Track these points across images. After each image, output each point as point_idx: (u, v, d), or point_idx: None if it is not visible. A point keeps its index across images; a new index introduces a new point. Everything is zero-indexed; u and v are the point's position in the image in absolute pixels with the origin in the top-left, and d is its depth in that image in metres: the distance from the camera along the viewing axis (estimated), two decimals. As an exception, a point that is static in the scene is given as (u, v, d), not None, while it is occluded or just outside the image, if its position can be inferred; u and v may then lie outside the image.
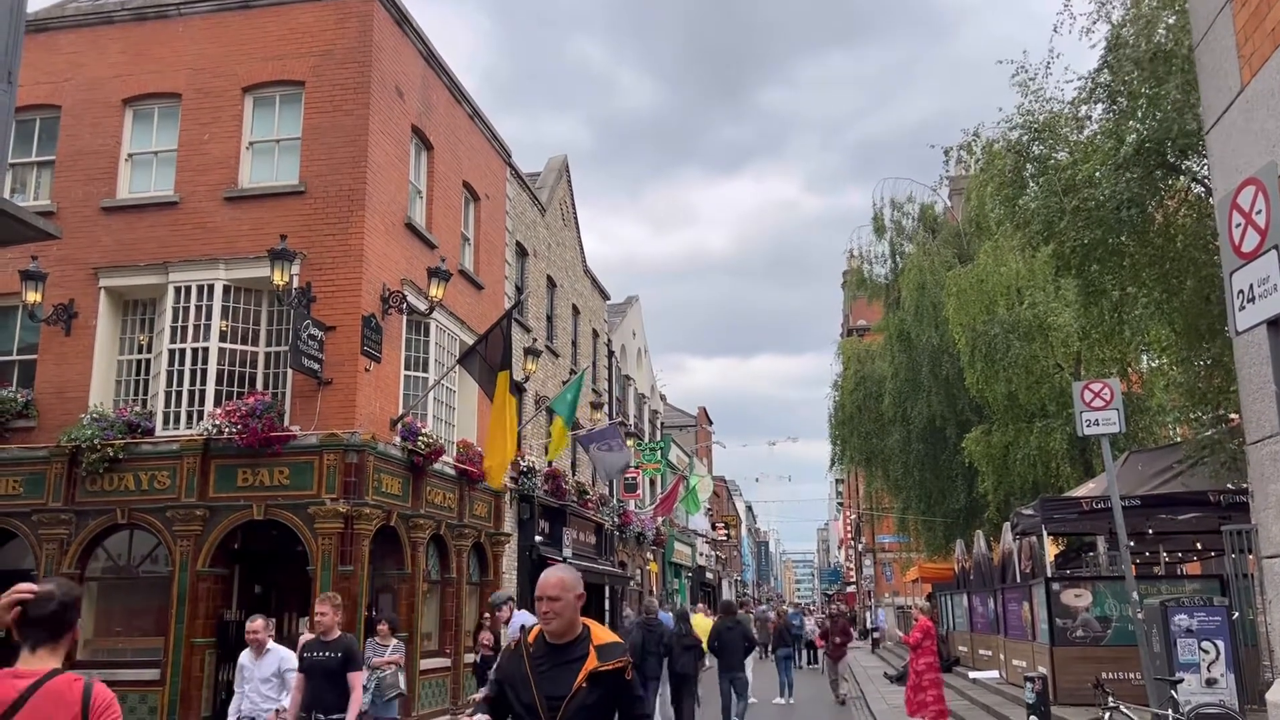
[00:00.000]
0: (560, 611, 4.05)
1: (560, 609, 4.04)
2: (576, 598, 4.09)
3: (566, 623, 4.05)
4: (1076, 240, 12.66)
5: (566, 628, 4.06)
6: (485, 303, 19.63)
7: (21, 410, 14.85)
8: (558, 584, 4.08)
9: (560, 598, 4.05)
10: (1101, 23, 12.67)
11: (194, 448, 13.96)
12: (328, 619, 7.78)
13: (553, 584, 4.08)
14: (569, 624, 4.06)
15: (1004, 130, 15.03)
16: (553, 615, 4.05)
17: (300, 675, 7.88)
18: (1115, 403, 10.83)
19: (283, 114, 15.60)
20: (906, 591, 44.76)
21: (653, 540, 35.70)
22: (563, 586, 4.07)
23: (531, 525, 21.57)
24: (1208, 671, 10.42)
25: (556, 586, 4.07)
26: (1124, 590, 12.08)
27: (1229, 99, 5.76)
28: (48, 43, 16.07)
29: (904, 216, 29.65)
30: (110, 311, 15.29)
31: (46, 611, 3.18)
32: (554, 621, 4.05)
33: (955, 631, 25.05)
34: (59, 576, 3.91)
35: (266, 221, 14.73)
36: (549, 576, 4.11)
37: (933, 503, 27.70)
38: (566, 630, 4.06)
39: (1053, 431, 19.94)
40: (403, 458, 15.22)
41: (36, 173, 16.19)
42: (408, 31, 16.69)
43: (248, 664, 8.50)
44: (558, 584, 4.08)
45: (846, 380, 30.86)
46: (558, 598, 4.05)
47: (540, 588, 4.09)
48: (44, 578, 3.79)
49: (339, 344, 14.28)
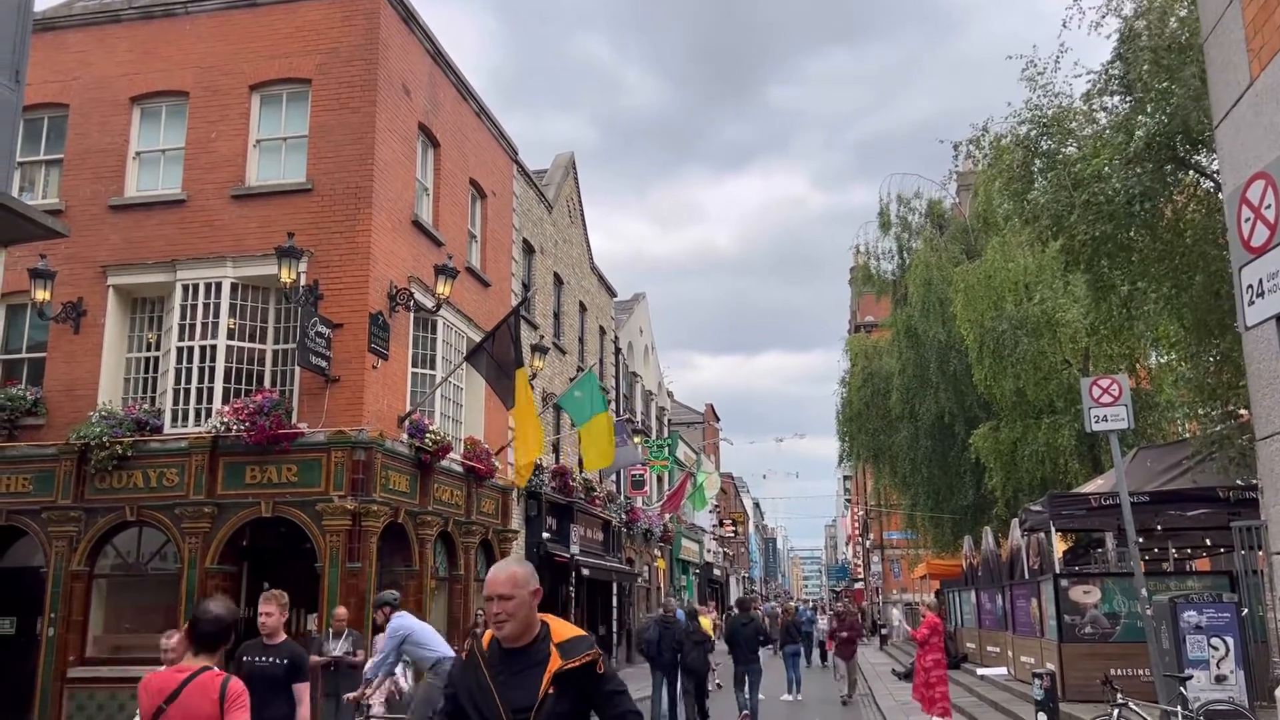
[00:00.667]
0: (514, 612, 3.44)
1: (513, 609, 3.44)
2: (532, 594, 3.49)
3: (522, 624, 3.46)
4: (1086, 235, 12.60)
5: (522, 630, 3.47)
6: (492, 300, 19.64)
7: (31, 408, 14.91)
8: (509, 580, 3.46)
9: (513, 595, 3.45)
10: (1112, 16, 12.64)
11: (202, 445, 14.00)
12: (273, 620, 6.82)
13: (502, 580, 3.46)
14: (525, 625, 3.47)
15: (1012, 125, 14.96)
16: (505, 617, 3.44)
17: None
18: (1124, 399, 10.80)
19: (290, 112, 15.63)
20: (915, 588, 44.68)
21: (660, 537, 35.71)
22: (515, 582, 3.46)
23: (539, 522, 21.59)
24: (1217, 668, 10.39)
25: (507, 583, 3.45)
26: (1133, 586, 12.03)
27: (1238, 93, 5.73)
28: (55, 41, 16.12)
29: (911, 212, 29.56)
30: (118, 309, 15.34)
31: (210, 628, 4.26)
32: (507, 624, 3.45)
33: (964, 628, 25.01)
34: (225, 599, 4.69)
35: (274, 219, 14.75)
36: (498, 572, 3.51)
37: (941, 499, 27.64)
38: (523, 632, 3.47)
39: (1061, 428, 19.88)
40: (410, 455, 15.24)
41: (45, 171, 16.25)
42: (414, 29, 16.70)
43: None
44: (509, 580, 3.46)
45: (854, 377, 30.78)
46: (510, 595, 3.44)
47: (489, 585, 3.49)
48: (212, 599, 4.51)
49: (346, 341, 14.30)
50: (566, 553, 20.90)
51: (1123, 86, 12.79)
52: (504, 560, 3.67)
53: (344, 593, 13.42)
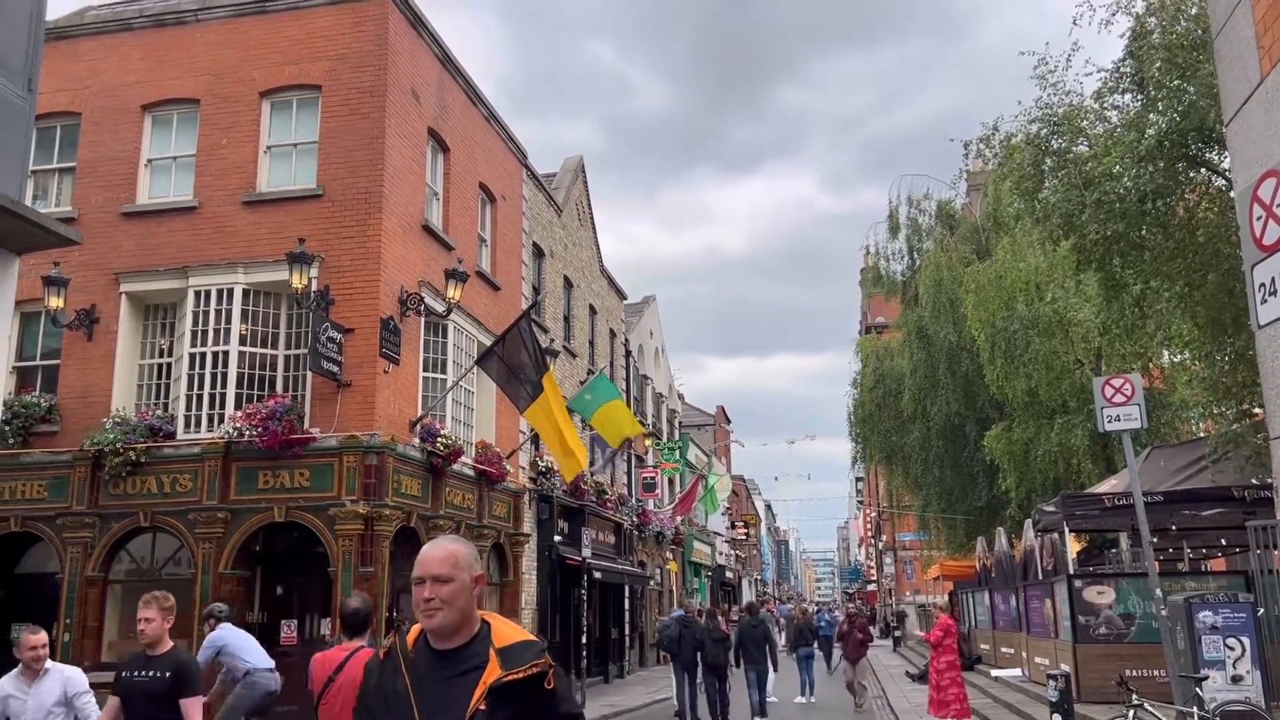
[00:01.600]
0: (449, 599, 2.76)
1: (449, 595, 2.76)
2: (474, 580, 2.84)
3: (458, 616, 2.78)
4: (1097, 234, 12.56)
5: (458, 624, 2.79)
6: (503, 303, 19.67)
7: (45, 415, 14.99)
8: (447, 559, 2.80)
9: (451, 578, 2.78)
10: (1122, 14, 12.62)
11: (215, 451, 14.06)
12: (153, 627, 5.82)
13: (438, 559, 2.81)
14: (461, 618, 2.79)
15: (1023, 124, 14.90)
16: (438, 604, 2.76)
17: (115, 701, 5.86)
18: (1136, 398, 10.76)
19: (300, 118, 15.69)
20: (928, 590, 44.55)
21: (672, 539, 35.68)
22: (454, 562, 2.80)
23: (551, 525, 21.61)
24: (1233, 668, 10.33)
25: (445, 562, 2.79)
26: (1147, 587, 11.98)
27: (1248, 91, 5.70)
28: (68, 50, 16.22)
29: (921, 213, 29.50)
30: (131, 316, 15.42)
31: (353, 619, 5.48)
32: (439, 614, 2.76)
33: (977, 629, 24.92)
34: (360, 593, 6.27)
35: (285, 225, 14.81)
36: (433, 549, 2.86)
37: (953, 500, 27.56)
38: (458, 628, 2.79)
39: (1074, 428, 19.80)
40: (422, 459, 15.27)
41: (58, 179, 16.35)
42: (423, 34, 16.75)
43: (15, 692, 6.44)
44: (447, 559, 2.80)
45: (865, 378, 30.73)
46: (446, 578, 2.78)
47: (421, 564, 2.83)
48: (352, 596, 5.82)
49: (358, 346, 14.35)
50: (578, 556, 20.89)
51: (1134, 84, 12.75)
52: (441, 537, 3.00)
53: (357, 597, 13.42)
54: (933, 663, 14.93)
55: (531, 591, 20.67)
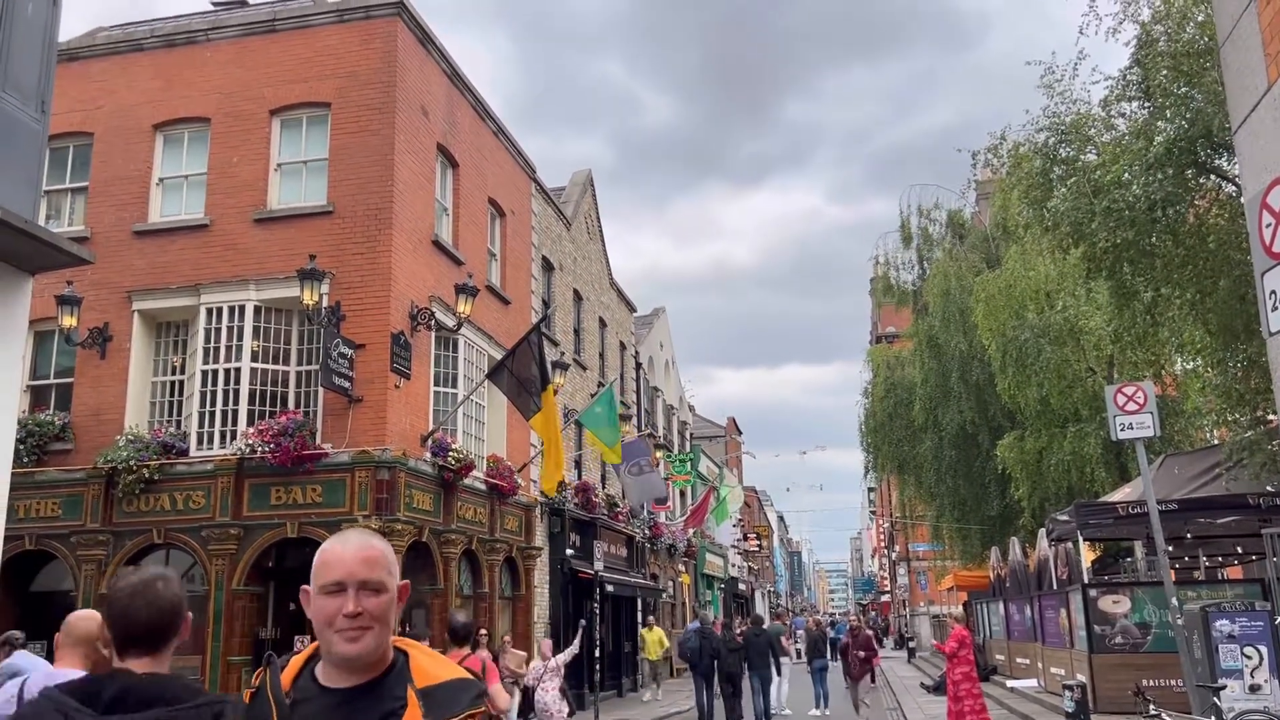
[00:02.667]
0: (382, 615, 2.07)
1: (382, 610, 2.07)
2: (402, 589, 2.17)
3: (387, 640, 2.11)
4: (1107, 242, 12.54)
5: (378, 652, 2.09)
6: (513, 317, 19.71)
7: (59, 433, 15.06)
8: (376, 559, 2.09)
9: (384, 586, 2.09)
10: (1128, 22, 12.61)
11: (228, 467, 14.10)
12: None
13: (363, 557, 2.08)
14: (382, 645, 2.10)
15: (1030, 133, 14.92)
16: (368, 621, 2.05)
17: None
18: (1149, 406, 10.72)
19: (310, 135, 15.79)
20: (942, 600, 44.31)
21: (684, 552, 35.59)
22: (386, 565, 2.11)
23: (563, 538, 21.59)
24: (1251, 677, 10.26)
25: (375, 563, 2.09)
26: (1163, 596, 11.90)
27: (1256, 98, 5.69)
28: (80, 71, 16.36)
29: (931, 223, 29.55)
30: (144, 334, 15.50)
31: (459, 631, 7.59)
32: (367, 636, 2.05)
33: (992, 640, 24.79)
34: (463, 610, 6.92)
35: (296, 242, 14.88)
36: (351, 547, 2.10)
37: (966, 510, 27.45)
38: (376, 659, 2.09)
39: (1087, 436, 19.74)
40: (434, 473, 15.29)
41: (70, 199, 16.47)
42: (431, 51, 16.84)
43: None
44: (376, 559, 2.09)
45: (876, 388, 30.69)
46: (378, 585, 2.08)
47: (338, 564, 2.08)
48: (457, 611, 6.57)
49: (369, 361, 14.39)
50: (591, 569, 20.85)
51: (1141, 92, 12.74)
52: (351, 530, 2.27)
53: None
54: (949, 674, 14.84)
55: (544, 605, 20.64)
